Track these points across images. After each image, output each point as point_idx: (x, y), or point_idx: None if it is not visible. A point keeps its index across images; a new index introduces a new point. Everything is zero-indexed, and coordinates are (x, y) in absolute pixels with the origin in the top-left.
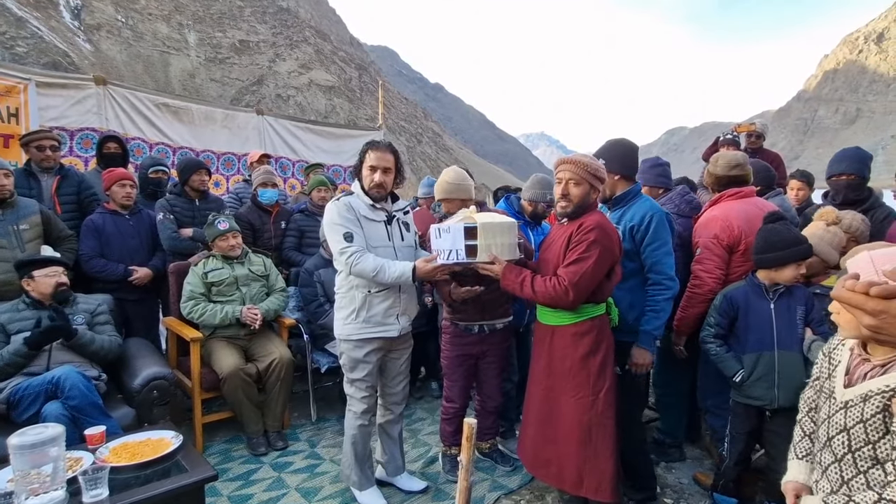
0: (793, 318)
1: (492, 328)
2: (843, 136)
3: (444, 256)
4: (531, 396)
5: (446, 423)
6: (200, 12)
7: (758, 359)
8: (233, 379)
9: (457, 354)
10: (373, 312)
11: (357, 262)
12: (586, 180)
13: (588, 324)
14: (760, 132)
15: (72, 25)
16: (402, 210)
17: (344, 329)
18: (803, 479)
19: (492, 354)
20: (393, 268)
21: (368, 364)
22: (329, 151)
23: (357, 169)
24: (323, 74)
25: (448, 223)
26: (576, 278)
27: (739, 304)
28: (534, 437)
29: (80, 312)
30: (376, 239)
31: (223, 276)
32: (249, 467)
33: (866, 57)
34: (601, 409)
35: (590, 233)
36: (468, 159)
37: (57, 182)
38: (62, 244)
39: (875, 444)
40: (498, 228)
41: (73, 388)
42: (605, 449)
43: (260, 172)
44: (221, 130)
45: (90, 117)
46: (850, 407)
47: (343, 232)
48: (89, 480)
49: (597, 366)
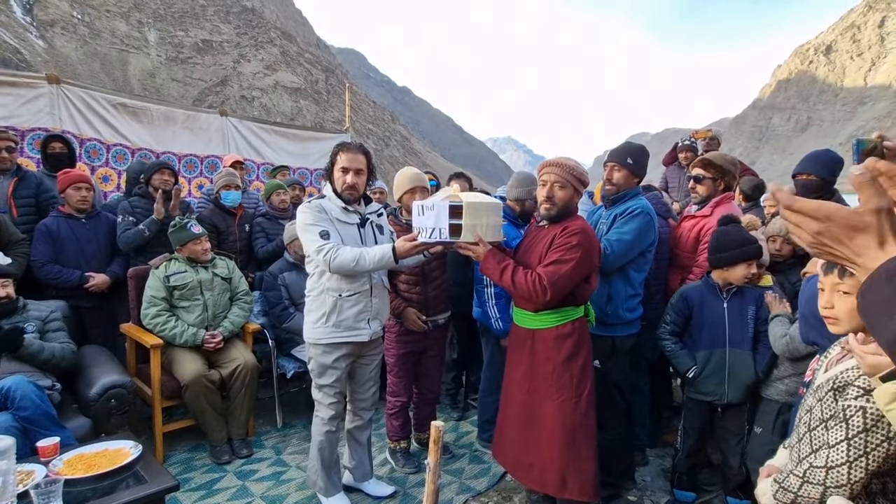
0: (744, 317)
1: (434, 324)
2: (796, 143)
3: (425, 234)
4: (510, 400)
5: (393, 417)
6: (161, 10)
7: (710, 356)
8: (195, 386)
9: (403, 352)
10: (343, 316)
11: (335, 255)
12: (571, 184)
13: (569, 326)
14: (715, 136)
15: (23, 21)
16: (376, 212)
17: (313, 333)
18: (779, 463)
19: (433, 349)
20: (372, 253)
21: (337, 370)
22: (295, 154)
23: (328, 171)
24: (289, 76)
25: (432, 199)
26: (555, 278)
27: (694, 302)
28: (515, 441)
29: (32, 320)
30: (349, 242)
31: (186, 279)
32: (213, 476)
33: (816, 68)
34: (584, 410)
35: (573, 236)
36: (436, 163)
37: (14, 184)
38: (14, 248)
39: (826, 422)
40: (484, 209)
41: (24, 398)
42: (588, 450)
43: (222, 175)
44: (183, 132)
45: (42, 117)
46: (818, 390)
47: (319, 231)
48: (42, 494)
49: (579, 368)
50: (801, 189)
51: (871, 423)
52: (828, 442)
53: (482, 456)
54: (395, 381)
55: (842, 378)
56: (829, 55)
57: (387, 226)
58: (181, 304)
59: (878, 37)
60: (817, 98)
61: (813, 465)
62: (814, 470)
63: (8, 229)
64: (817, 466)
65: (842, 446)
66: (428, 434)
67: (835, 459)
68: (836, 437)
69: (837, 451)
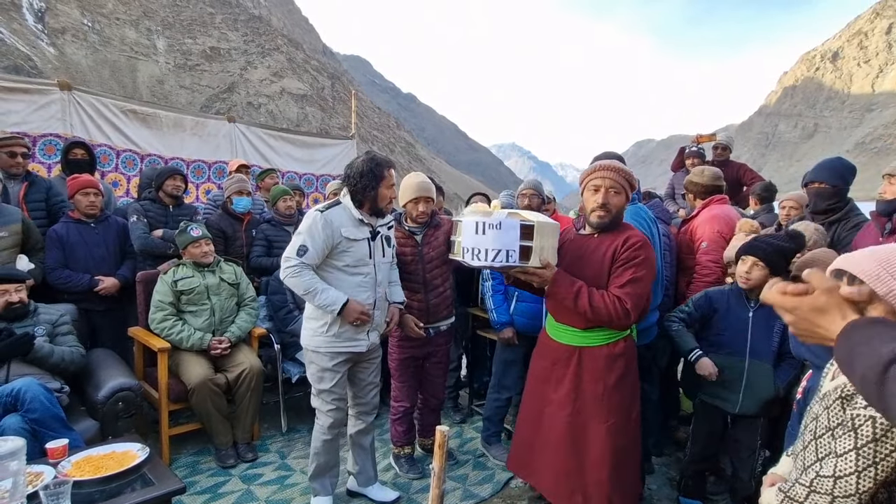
0: (770, 329)
1: (437, 330)
2: (803, 150)
3: (484, 256)
4: (548, 422)
5: (397, 423)
6: (170, 18)
7: (729, 361)
8: (201, 390)
9: (405, 357)
10: (345, 328)
11: (294, 274)
12: (625, 190)
13: (622, 345)
14: (726, 144)
15: (35, 29)
16: (387, 225)
17: (313, 340)
18: (783, 472)
19: (437, 355)
20: (325, 296)
21: (336, 374)
22: (301, 160)
23: (365, 182)
24: (295, 83)
25: (496, 217)
26: (635, 300)
27: (719, 305)
28: (556, 468)
29: (42, 323)
30: (357, 257)
31: (193, 284)
32: (218, 480)
33: (823, 74)
34: (633, 433)
35: (640, 249)
36: (441, 169)
37: (25, 189)
38: (37, 255)
39: (833, 430)
40: (549, 229)
41: (34, 400)
42: (634, 471)
43: (234, 181)
44: (191, 138)
45: (54, 123)
46: (825, 398)
47: (300, 243)
48: (51, 495)
49: (629, 388)
50: (815, 197)
51: (882, 433)
52: (835, 451)
53: (486, 462)
54: (398, 386)
55: (850, 387)
56: (836, 62)
57: (394, 237)
58: (188, 309)
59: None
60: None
61: (820, 475)
62: (821, 479)
63: (35, 235)
64: (825, 476)
65: (850, 455)
66: (432, 440)
67: (843, 469)
68: (845, 446)
69: (846, 460)
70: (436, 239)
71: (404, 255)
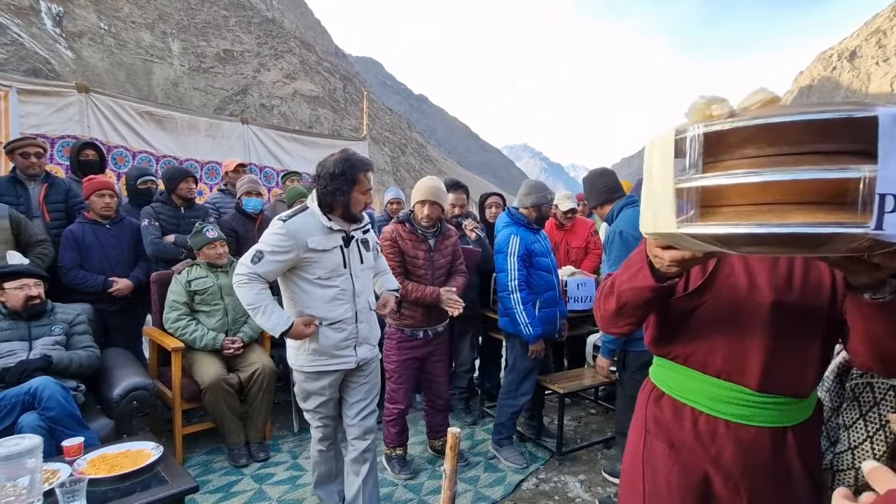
0: None
1: (435, 332)
2: None
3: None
4: None
5: (390, 424)
6: (185, 21)
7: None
8: (214, 389)
9: (403, 359)
10: (324, 345)
11: (243, 284)
12: None
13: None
14: None
15: (53, 33)
16: (362, 229)
17: (297, 360)
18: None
19: (437, 354)
20: (269, 314)
21: (322, 396)
22: (313, 161)
23: (336, 185)
24: (307, 85)
25: None
26: None
27: None
28: None
29: (58, 322)
30: (329, 268)
31: (207, 284)
32: (230, 479)
33: (840, 74)
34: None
35: None
36: (452, 170)
37: (45, 190)
38: (33, 249)
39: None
40: None
41: (51, 398)
42: None
43: (245, 181)
44: (205, 139)
45: (72, 125)
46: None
47: (258, 249)
48: (67, 493)
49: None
50: None
51: (881, 396)
52: (844, 424)
53: (497, 464)
54: (393, 387)
55: (844, 363)
56: (854, 61)
57: (373, 239)
58: (202, 309)
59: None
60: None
61: (836, 453)
62: (839, 456)
63: (28, 230)
64: (841, 452)
65: (859, 424)
66: (443, 441)
67: (856, 439)
68: (852, 417)
69: (856, 430)
70: (446, 248)
71: (417, 258)
